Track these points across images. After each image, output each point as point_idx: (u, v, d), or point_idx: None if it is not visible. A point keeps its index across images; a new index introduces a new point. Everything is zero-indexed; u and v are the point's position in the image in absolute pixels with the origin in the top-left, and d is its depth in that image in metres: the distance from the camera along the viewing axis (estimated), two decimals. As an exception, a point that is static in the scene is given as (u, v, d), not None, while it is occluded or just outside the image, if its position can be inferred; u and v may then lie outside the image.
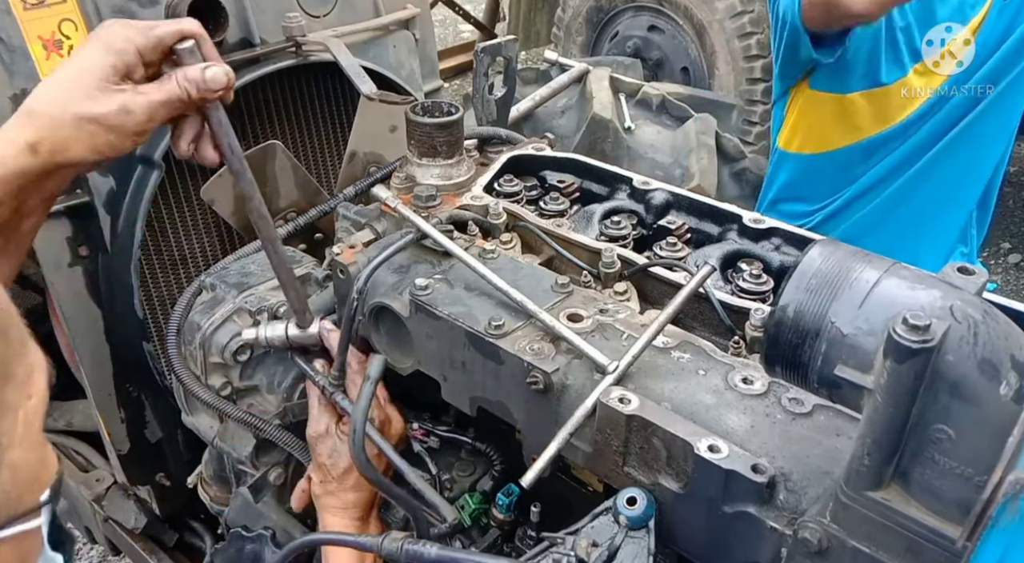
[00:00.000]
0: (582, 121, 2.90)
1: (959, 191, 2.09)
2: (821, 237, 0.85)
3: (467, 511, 1.22)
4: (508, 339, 1.01)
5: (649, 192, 1.32)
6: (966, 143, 1.98)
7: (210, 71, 0.99)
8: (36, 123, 0.94)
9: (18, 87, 1.30)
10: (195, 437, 1.47)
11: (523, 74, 3.16)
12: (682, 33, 4.31)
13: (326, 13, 1.67)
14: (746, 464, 0.81)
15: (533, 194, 1.39)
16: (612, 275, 1.16)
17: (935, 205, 2.08)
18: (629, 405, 0.88)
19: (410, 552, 0.93)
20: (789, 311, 0.70)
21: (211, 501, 1.52)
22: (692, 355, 0.99)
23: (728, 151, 2.91)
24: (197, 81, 0.98)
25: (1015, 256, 4.33)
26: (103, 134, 0.96)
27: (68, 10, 1.32)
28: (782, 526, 0.80)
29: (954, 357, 0.62)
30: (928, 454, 0.66)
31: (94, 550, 2.76)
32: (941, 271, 0.70)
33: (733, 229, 1.25)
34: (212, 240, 1.63)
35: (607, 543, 0.85)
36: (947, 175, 2.02)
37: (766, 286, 1.13)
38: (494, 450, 1.31)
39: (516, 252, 1.24)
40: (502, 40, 1.48)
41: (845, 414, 0.88)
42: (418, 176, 1.32)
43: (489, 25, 6.74)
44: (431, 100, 1.37)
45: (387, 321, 1.18)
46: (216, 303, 1.32)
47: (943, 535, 0.67)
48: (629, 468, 0.92)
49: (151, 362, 1.57)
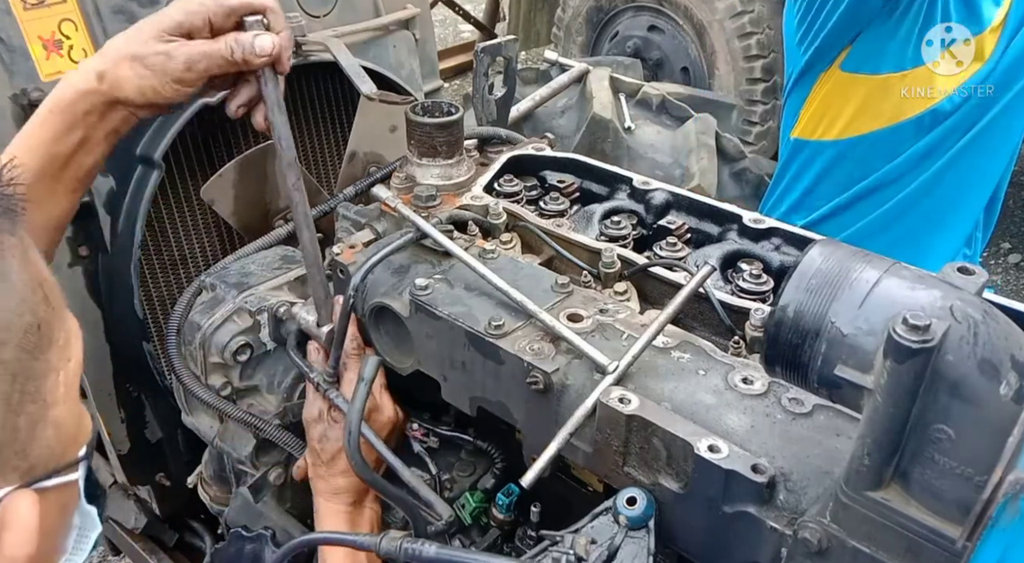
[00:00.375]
0: (582, 121, 2.90)
1: (970, 195, 2.09)
2: (821, 237, 0.85)
3: (467, 509, 1.22)
4: (508, 339, 1.01)
5: (649, 192, 1.32)
6: (980, 145, 1.97)
7: (259, 39, 1.06)
8: (104, 56, 1.05)
9: (18, 87, 1.30)
10: (195, 437, 1.47)
11: (523, 74, 3.16)
12: (682, 33, 4.31)
13: (326, 13, 1.67)
14: (746, 464, 0.81)
15: (533, 194, 1.39)
16: (612, 275, 1.16)
17: (945, 209, 2.07)
18: (629, 405, 0.88)
19: (408, 551, 0.93)
20: (789, 311, 0.70)
21: (211, 501, 1.52)
22: (692, 355, 0.99)
23: (728, 151, 2.91)
24: (244, 44, 1.05)
25: (1015, 256, 4.33)
26: (148, 77, 1.04)
27: (68, 10, 1.32)
28: (782, 526, 0.80)
29: (954, 357, 0.62)
30: (928, 454, 0.66)
31: (94, 550, 2.76)
32: (941, 271, 0.70)
33: (733, 229, 1.25)
34: (212, 240, 1.63)
35: (607, 543, 0.85)
36: (959, 178, 2.02)
37: (766, 286, 1.13)
38: (494, 448, 1.31)
39: (516, 252, 1.24)
40: (502, 40, 1.48)
41: (845, 414, 0.88)
42: (418, 176, 1.32)
43: (489, 25, 6.74)
44: (431, 100, 1.37)
45: (387, 321, 1.18)
46: (216, 303, 1.32)
47: (943, 535, 0.67)
48: (629, 468, 0.92)
49: (151, 362, 1.57)
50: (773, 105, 4.09)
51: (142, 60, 1.03)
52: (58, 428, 0.60)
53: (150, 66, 1.03)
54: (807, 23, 2.01)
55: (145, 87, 1.04)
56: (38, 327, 0.58)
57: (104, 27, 1.36)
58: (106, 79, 1.04)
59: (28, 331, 0.57)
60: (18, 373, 0.56)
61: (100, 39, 1.35)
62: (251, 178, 1.53)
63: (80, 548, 0.68)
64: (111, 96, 1.05)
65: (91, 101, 1.05)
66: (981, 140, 1.96)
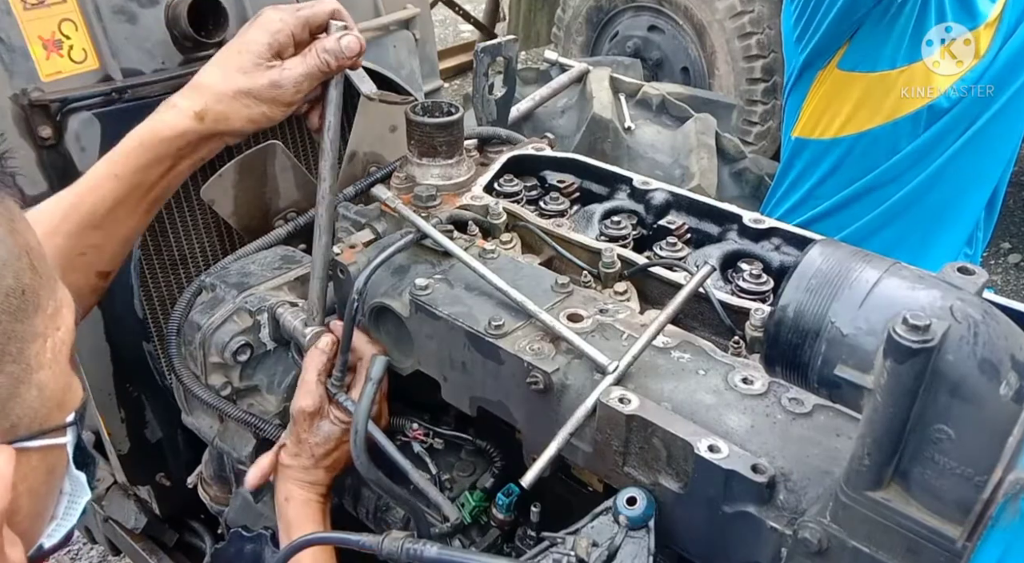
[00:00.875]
0: (582, 121, 2.90)
1: (970, 194, 2.08)
2: (821, 237, 0.85)
3: (467, 508, 1.22)
4: (508, 339, 1.01)
5: (649, 192, 1.32)
6: (979, 144, 1.97)
7: (345, 39, 1.11)
8: (202, 95, 1.09)
9: (18, 87, 1.29)
10: (195, 437, 1.47)
11: (523, 74, 3.16)
12: (682, 33, 4.31)
13: (326, 13, 1.67)
14: (746, 464, 0.81)
15: (533, 194, 1.39)
16: (612, 275, 1.16)
17: (945, 208, 2.07)
18: (629, 405, 0.88)
19: (410, 552, 0.93)
20: (789, 311, 0.70)
21: (211, 501, 1.52)
22: (692, 355, 0.99)
23: (728, 151, 2.91)
24: (335, 51, 1.10)
25: (1015, 256, 4.33)
26: (257, 106, 1.10)
27: (68, 10, 1.32)
28: (782, 526, 0.80)
29: (954, 357, 0.62)
30: (928, 454, 0.66)
31: (94, 550, 2.76)
32: (941, 271, 0.70)
33: (733, 229, 1.25)
34: (212, 240, 1.63)
35: (607, 543, 0.85)
36: (959, 176, 2.02)
37: (766, 286, 1.13)
38: (494, 448, 1.31)
39: (516, 252, 1.24)
40: (502, 40, 1.48)
41: (845, 414, 0.88)
42: (418, 176, 1.32)
43: (489, 25, 6.74)
44: (431, 100, 1.37)
45: (387, 321, 1.18)
46: (216, 303, 1.32)
47: (943, 535, 0.67)
48: (629, 468, 0.92)
49: (151, 362, 1.57)
50: (773, 105, 4.09)
51: (251, 93, 1.08)
52: (42, 390, 0.62)
53: (260, 97, 1.09)
54: (804, 22, 2.02)
55: (256, 115, 1.10)
56: (22, 292, 0.60)
57: (104, 27, 1.35)
58: (208, 117, 1.08)
59: (10, 294, 0.59)
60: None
61: (100, 39, 1.35)
62: (251, 178, 1.53)
63: (70, 513, 0.70)
64: (213, 131, 1.10)
65: (188, 138, 1.10)
66: (980, 138, 1.96)
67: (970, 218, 2.14)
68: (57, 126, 1.32)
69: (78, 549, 2.76)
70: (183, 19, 1.37)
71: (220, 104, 1.08)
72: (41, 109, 1.30)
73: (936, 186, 2.03)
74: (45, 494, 0.66)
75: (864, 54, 1.99)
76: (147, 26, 1.40)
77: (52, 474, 0.66)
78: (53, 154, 1.33)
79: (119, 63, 1.37)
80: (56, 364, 0.64)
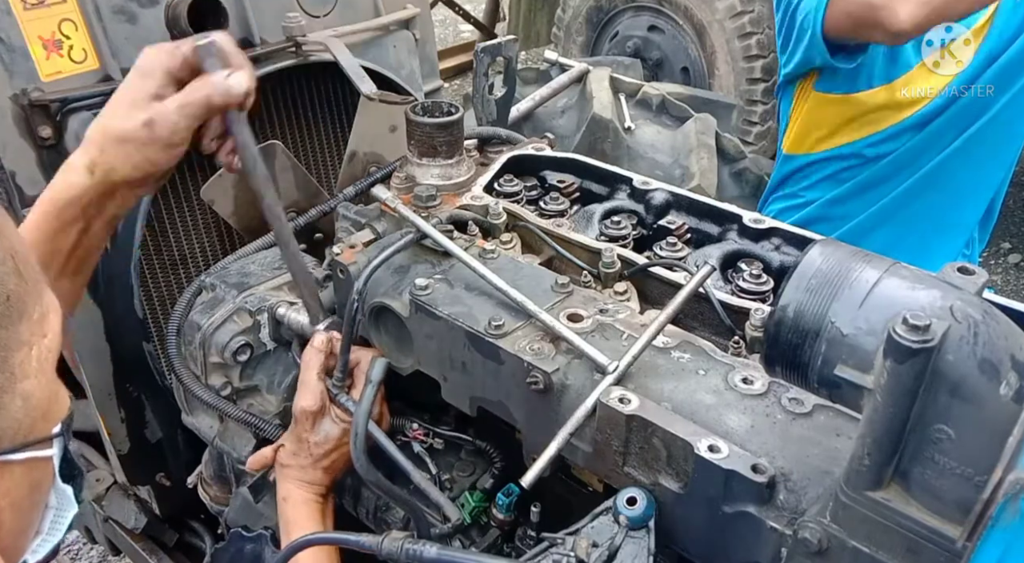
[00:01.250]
0: (582, 121, 2.90)
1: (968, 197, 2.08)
2: (821, 237, 0.85)
3: (467, 508, 1.22)
4: (508, 339, 1.01)
5: (649, 192, 1.32)
6: (975, 148, 1.96)
7: (233, 78, 1.05)
8: (89, 148, 1.05)
9: (18, 87, 1.30)
10: (195, 437, 1.47)
11: (523, 74, 3.16)
12: (682, 33, 4.31)
13: (326, 13, 1.67)
14: (746, 464, 0.81)
15: (533, 194, 1.39)
16: (612, 275, 1.16)
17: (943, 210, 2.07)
18: (629, 405, 0.88)
19: (410, 552, 0.93)
20: (789, 311, 0.70)
21: (211, 501, 1.52)
22: (692, 355, 0.99)
23: (728, 151, 2.91)
24: (219, 88, 1.04)
25: (1015, 256, 4.33)
26: (139, 151, 1.04)
27: (68, 10, 1.32)
28: (782, 526, 0.80)
29: (954, 357, 0.62)
30: (928, 454, 0.66)
31: (94, 550, 2.76)
32: (941, 271, 0.70)
33: (733, 229, 1.25)
34: (212, 240, 1.63)
35: (607, 543, 0.85)
36: (956, 181, 2.01)
37: (766, 286, 1.13)
38: (494, 447, 1.31)
39: (516, 252, 1.24)
40: (502, 40, 1.48)
41: (845, 414, 0.88)
42: (418, 176, 1.32)
43: (489, 25, 6.74)
44: (431, 100, 1.37)
45: (387, 321, 1.18)
46: (216, 303, 1.32)
47: (943, 535, 0.67)
48: (629, 468, 0.92)
49: (151, 362, 1.57)
50: (773, 105, 4.09)
51: (128, 137, 1.03)
52: (27, 401, 0.59)
53: (138, 140, 1.03)
54: (782, 39, 2.02)
55: (139, 161, 1.04)
56: (7, 297, 0.57)
57: (104, 27, 1.36)
58: (97, 170, 1.04)
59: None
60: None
61: (100, 39, 1.35)
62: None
63: (55, 528, 0.68)
64: (107, 183, 1.05)
65: (88, 196, 1.05)
66: (977, 142, 1.96)
67: (968, 222, 2.13)
68: (57, 126, 1.33)
69: (78, 549, 2.76)
70: (183, 19, 1.37)
71: (105, 154, 1.04)
72: (41, 109, 1.30)
73: (930, 189, 2.02)
74: (29, 509, 0.63)
75: (839, 78, 1.99)
76: (147, 26, 1.40)
77: (37, 488, 0.63)
78: (53, 154, 1.33)
79: (119, 63, 1.37)
80: (42, 373, 0.61)
